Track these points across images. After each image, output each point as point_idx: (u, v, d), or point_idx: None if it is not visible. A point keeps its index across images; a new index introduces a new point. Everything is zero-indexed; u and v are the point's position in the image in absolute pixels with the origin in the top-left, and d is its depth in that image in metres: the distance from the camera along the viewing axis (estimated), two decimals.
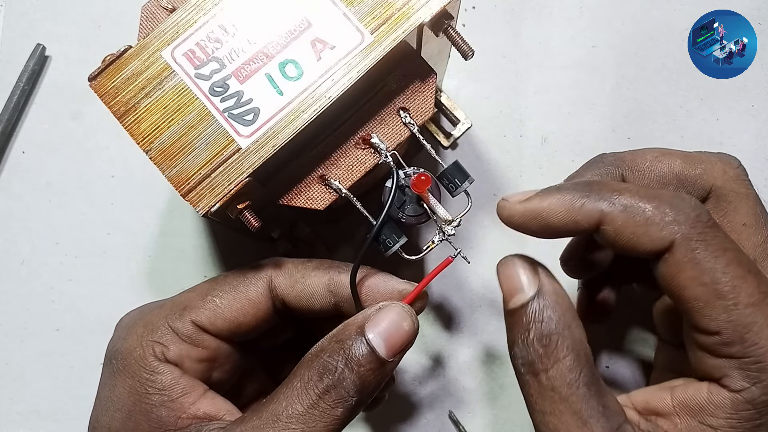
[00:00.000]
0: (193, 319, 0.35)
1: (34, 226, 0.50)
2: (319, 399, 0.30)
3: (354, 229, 0.49)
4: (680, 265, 0.30)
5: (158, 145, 0.33)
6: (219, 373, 0.36)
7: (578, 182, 0.34)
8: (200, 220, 0.50)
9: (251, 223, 0.33)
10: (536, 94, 0.52)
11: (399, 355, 0.32)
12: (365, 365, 0.31)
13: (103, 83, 0.33)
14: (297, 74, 0.33)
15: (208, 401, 0.33)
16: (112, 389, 0.34)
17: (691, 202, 0.31)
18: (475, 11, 0.52)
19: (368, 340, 0.31)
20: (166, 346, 0.34)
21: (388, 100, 0.36)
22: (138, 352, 0.34)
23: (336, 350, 0.31)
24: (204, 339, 0.35)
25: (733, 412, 0.30)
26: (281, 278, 0.36)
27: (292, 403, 0.30)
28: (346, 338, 0.31)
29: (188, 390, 0.33)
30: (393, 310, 0.32)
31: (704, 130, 0.51)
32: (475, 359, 0.49)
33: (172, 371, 0.33)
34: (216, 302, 0.35)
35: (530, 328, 0.31)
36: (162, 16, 0.35)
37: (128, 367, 0.34)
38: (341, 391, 0.30)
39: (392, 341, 0.32)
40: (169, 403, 0.33)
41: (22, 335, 0.49)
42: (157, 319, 0.35)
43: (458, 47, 0.34)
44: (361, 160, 0.35)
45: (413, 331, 0.32)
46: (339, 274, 0.36)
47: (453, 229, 0.36)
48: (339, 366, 0.30)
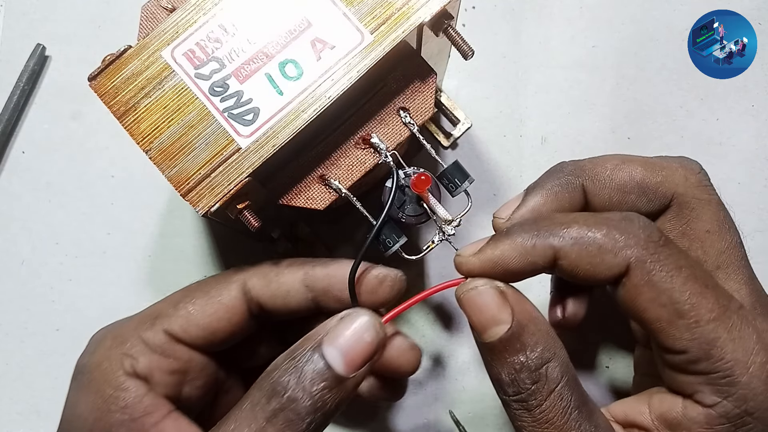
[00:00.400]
0: (165, 328, 0.34)
1: (34, 226, 0.50)
2: (266, 423, 0.28)
3: (354, 229, 0.49)
4: (638, 288, 0.30)
5: (158, 145, 0.33)
6: (190, 388, 0.35)
7: (525, 222, 0.33)
8: (200, 220, 0.50)
9: (251, 223, 0.33)
10: (536, 94, 0.52)
11: (361, 370, 0.30)
12: (320, 383, 0.28)
13: (102, 83, 0.33)
14: (297, 74, 0.33)
15: (171, 422, 0.32)
16: (75, 405, 0.33)
17: (639, 223, 0.31)
18: (475, 11, 0.52)
19: (324, 354, 0.29)
20: (135, 358, 0.33)
21: (388, 100, 0.36)
22: (105, 366, 0.32)
23: (288, 368, 0.29)
24: (176, 349, 0.34)
25: (708, 427, 0.29)
26: (255, 279, 0.35)
27: (239, 427, 0.28)
28: (300, 354, 0.29)
29: (151, 409, 0.32)
30: (355, 319, 0.30)
31: (704, 130, 0.51)
32: (475, 359, 0.49)
33: (138, 388, 0.32)
34: (188, 309, 0.34)
35: (516, 364, 0.30)
36: (162, 16, 0.35)
37: (93, 382, 0.32)
38: (290, 414, 0.28)
39: (351, 355, 0.29)
40: (130, 422, 0.31)
41: (22, 335, 0.49)
42: (127, 331, 0.34)
43: (458, 47, 0.34)
44: (361, 160, 0.35)
45: (376, 342, 0.30)
46: (313, 267, 0.35)
47: (453, 229, 0.36)
48: (290, 384, 0.28)
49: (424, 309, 0.49)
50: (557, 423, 0.29)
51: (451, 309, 0.49)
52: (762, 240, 0.50)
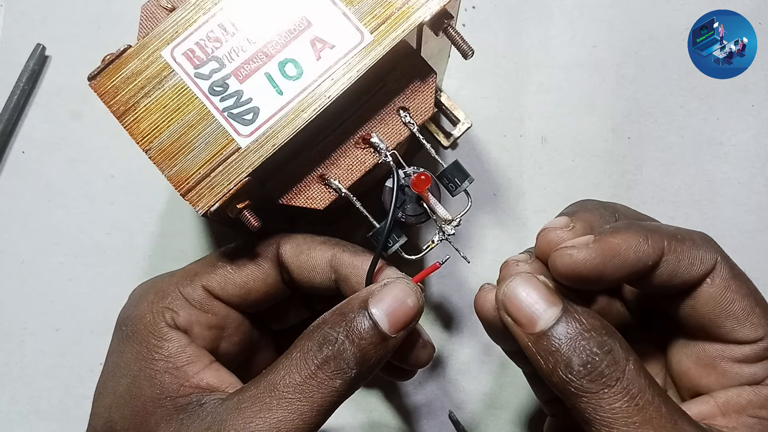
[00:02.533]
0: (204, 284, 0.35)
1: (34, 226, 0.50)
2: (317, 369, 0.30)
3: (354, 229, 0.49)
4: (727, 282, 0.31)
5: (158, 145, 0.33)
6: (227, 344, 0.36)
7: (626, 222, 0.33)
8: (200, 220, 0.50)
9: (251, 222, 0.33)
10: (536, 94, 0.51)
11: (402, 332, 0.32)
12: (367, 339, 0.30)
13: (102, 83, 0.33)
14: (296, 73, 0.33)
15: (213, 372, 0.33)
16: (120, 355, 0.34)
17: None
18: (475, 11, 0.52)
19: (371, 314, 0.31)
20: (176, 312, 0.34)
21: (387, 100, 0.36)
22: (148, 318, 0.34)
23: (338, 322, 0.31)
24: (214, 305, 0.35)
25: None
26: (288, 246, 0.36)
27: (290, 372, 0.30)
28: (349, 311, 0.31)
29: (193, 359, 0.33)
30: (397, 286, 0.32)
31: (704, 130, 0.51)
32: (475, 359, 0.49)
33: (180, 338, 0.33)
34: (226, 267, 0.36)
35: (586, 338, 0.28)
36: (162, 16, 0.35)
37: (137, 333, 0.34)
38: (340, 363, 0.30)
39: (395, 317, 0.31)
40: (174, 370, 0.33)
41: (22, 335, 0.49)
42: (168, 286, 0.35)
43: (458, 47, 0.34)
44: (360, 160, 0.35)
45: (418, 307, 0.32)
46: (343, 252, 0.36)
47: (453, 228, 0.36)
48: (339, 338, 0.30)
49: (424, 309, 0.49)
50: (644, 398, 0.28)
51: (452, 309, 0.49)
52: (762, 240, 0.50)
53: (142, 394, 0.32)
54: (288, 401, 0.29)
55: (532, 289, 0.30)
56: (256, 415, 0.29)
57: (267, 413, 0.29)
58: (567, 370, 0.28)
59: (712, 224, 0.50)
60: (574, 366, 0.28)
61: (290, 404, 0.29)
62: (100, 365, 0.35)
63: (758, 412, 0.31)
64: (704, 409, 0.32)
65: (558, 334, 0.29)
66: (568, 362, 0.28)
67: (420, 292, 0.33)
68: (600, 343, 0.28)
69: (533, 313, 0.30)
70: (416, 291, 0.32)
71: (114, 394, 0.33)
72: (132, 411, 0.32)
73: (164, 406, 0.32)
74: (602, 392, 0.28)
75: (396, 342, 0.32)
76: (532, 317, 0.30)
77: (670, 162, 0.51)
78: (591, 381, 0.28)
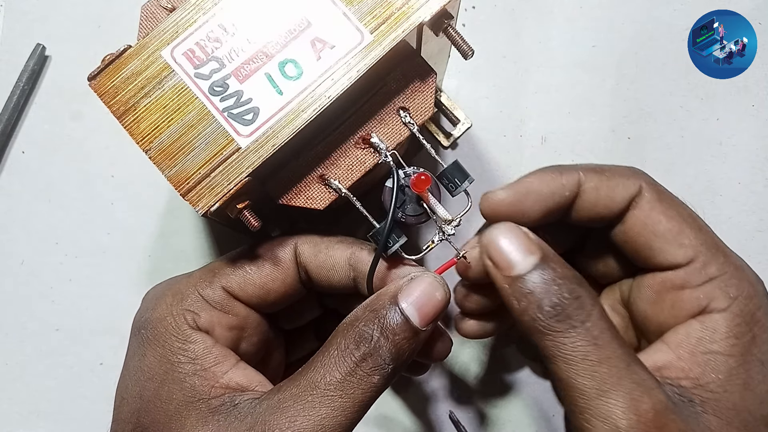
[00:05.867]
0: (224, 284, 0.35)
1: (34, 226, 0.50)
2: (356, 366, 0.30)
3: (354, 229, 0.49)
4: (651, 204, 0.33)
5: (158, 145, 0.33)
6: (247, 344, 0.36)
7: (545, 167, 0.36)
8: (200, 220, 0.50)
9: (251, 222, 0.33)
10: (536, 94, 0.51)
11: (432, 324, 0.32)
12: (400, 334, 0.31)
13: (102, 83, 0.33)
14: (296, 74, 0.33)
15: (240, 372, 0.33)
16: (141, 358, 0.33)
17: None
18: (475, 11, 0.52)
19: (402, 309, 0.31)
20: (197, 314, 0.34)
21: (387, 100, 0.36)
22: (169, 321, 0.33)
23: (371, 319, 0.31)
24: (234, 306, 0.35)
25: (728, 330, 0.31)
26: (306, 246, 0.36)
27: (330, 371, 0.30)
28: (380, 307, 0.32)
29: (221, 359, 0.33)
30: (425, 280, 0.32)
31: (704, 130, 0.51)
32: (475, 359, 0.49)
33: (205, 340, 0.33)
34: (245, 268, 0.35)
35: (558, 284, 0.31)
36: (162, 16, 0.35)
37: (159, 336, 0.33)
38: (378, 359, 0.30)
39: (425, 310, 0.32)
40: (202, 372, 0.32)
41: (22, 335, 0.49)
42: (186, 288, 0.35)
43: (458, 47, 0.34)
44: (360, 160, 0.35)
45: (445, 300, 0.33)
46: (361, 250, 0.36)
47: (453, 228, 0.36)
48: (375, 334, 0.31)
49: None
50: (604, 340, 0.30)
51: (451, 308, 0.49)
52: (762, 240, 0.50)
53: (173, 398, 0.32)
54: (330, 398, 0.30)
55: (513, 237, 0.32)
56: (300, 413, 0.30)
57: (311, 411, 0.30)
58: (537, 310, 0.31)
59: (712, 224, 0.49)
60: (544, 306, 0.30)
61: (333, 401, 0.30)
62: (100, 365, 0.35)
63: (709, 346, 0.31)
64: (659, 357, 0.32)
65: (533, 279, 0.31)
66: (539, 303, 0.31)
67: (447, 285, 0.33)
68: (570, 290, 0.31)
69: (512, 259, 0.32)
70: (443, 284, 0.33)
71: (141, 398, 0.33)
72: (164, 415, 0.32)
73: (198, 409, 0.31)
74: (567, 332, 0.30)
75: (426, 335, 0.32)
76: (510, 262, 0.32)
77: (670, 162, 0.51)
78: (558, 321, 0.30)
